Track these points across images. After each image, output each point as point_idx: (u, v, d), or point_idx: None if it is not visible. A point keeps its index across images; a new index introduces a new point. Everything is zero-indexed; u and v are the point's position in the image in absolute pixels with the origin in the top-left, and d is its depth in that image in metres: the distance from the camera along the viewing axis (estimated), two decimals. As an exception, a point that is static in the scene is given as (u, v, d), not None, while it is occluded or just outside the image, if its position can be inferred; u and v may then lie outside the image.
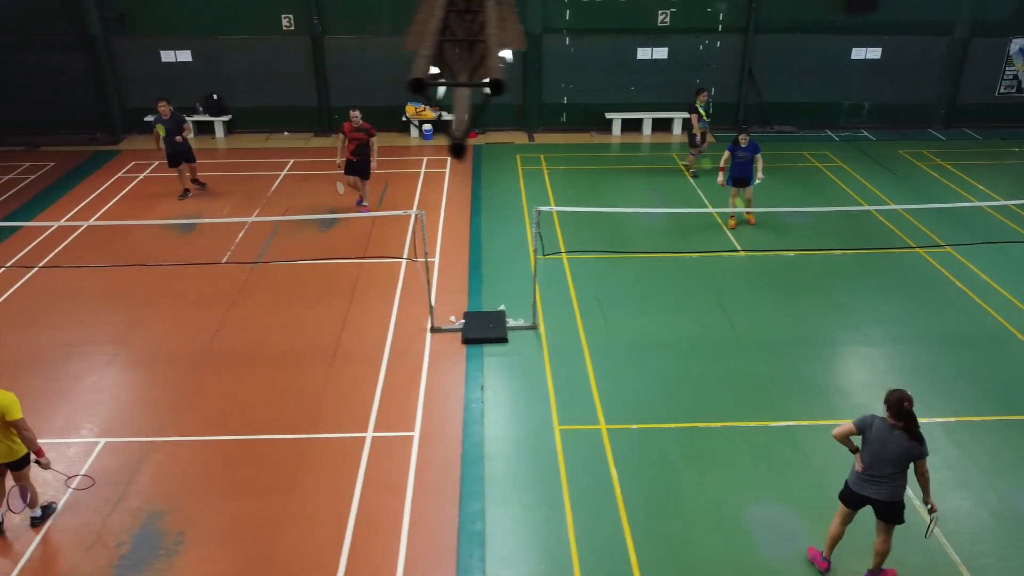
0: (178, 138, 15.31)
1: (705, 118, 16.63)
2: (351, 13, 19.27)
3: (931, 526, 7.00)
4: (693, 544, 7.66)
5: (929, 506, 6.88)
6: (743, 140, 13.85)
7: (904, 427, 6.62)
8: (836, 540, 7.25)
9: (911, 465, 6.76)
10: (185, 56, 19.61)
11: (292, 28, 19.37)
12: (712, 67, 20.14)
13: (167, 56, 19.61)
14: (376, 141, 14.82)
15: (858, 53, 20.16)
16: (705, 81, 19.99)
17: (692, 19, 19.58)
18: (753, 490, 8.33)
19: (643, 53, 19.88)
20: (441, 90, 3.67)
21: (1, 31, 19.15)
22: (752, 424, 9.33)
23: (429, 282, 11.21)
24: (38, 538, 7.73)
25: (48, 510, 7.96)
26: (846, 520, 7.18)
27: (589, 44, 19.76)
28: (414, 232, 12.34)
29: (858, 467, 6.90)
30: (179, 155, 15.60)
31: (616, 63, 19.98)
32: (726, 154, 14.18)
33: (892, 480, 6.78)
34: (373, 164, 14.91)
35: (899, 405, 6.59)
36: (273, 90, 20.01)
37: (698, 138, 16.85)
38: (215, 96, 19.83)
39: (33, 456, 7.52)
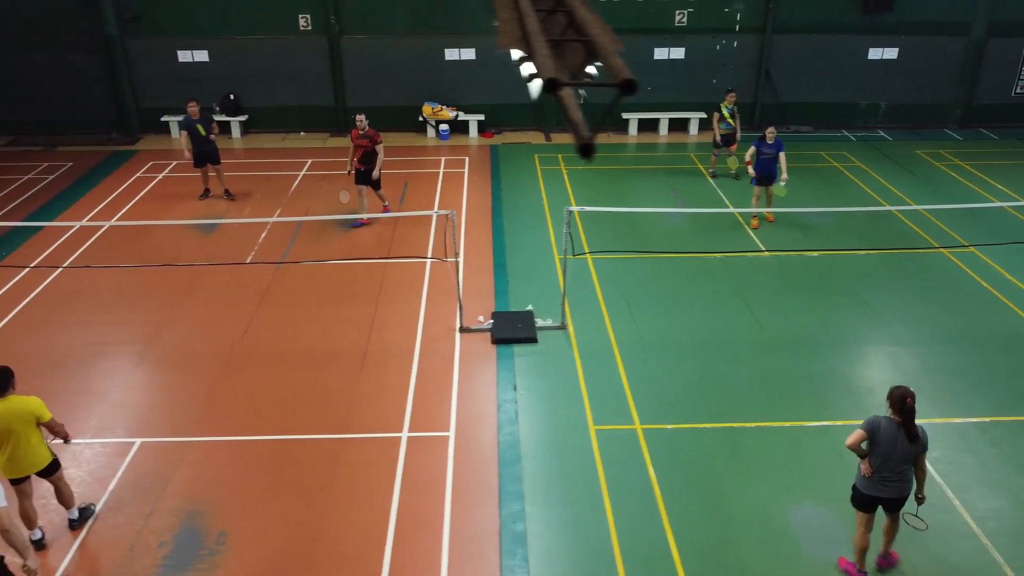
0: (212, 136, 15.26)
1: (729, 120, 16.48)
2: (368, 13, 19.26)
3: (917, 514, 7.21)
4: (735, 544, 7.66)
5: (921, 497, 7.00)
6: (770, 135, 13.83)
7: (903, 423, 6.63)
8: (865, 550, 7.20)
9: None
10: (202, 56, 19.62)
11: (309, 28, 19.37)
12: (729, 67, 20.13)
13: (184, 56, 19.62)
14: (382, 148, 14.38)
15: (875, 53, 20.15)
16: (722, 81, 19.98)
17: (709, 19, 19.57)
18: (792, 490, 8.32)
19: (660, 53, 19.88)
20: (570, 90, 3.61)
21: (19, 31, 19.16)
22: (787, 424, 9.32)
23: (459, 282, 11.18)
24: (80, 537, 7.73)
25: (86, 512, 7.93)
26: (869, 526, 7.12)
27: (606, 44, 19.73)
28: (444, 232, 12.29)
29: (865, 471, 6.87)
30: (206, 155, 15.52)
31: (633, 63, 19.74)
32: (751, 149, 14.15)
33: (902, 477, 6.83)
34: (375, 172, 14.29)
35: (902, 401, 6.62)
36: (290, 90, 20.01)
37: (717, 138, 16.80)
38: (232, 96, 19.83)
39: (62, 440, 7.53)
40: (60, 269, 13.01)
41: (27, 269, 12.99)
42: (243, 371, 10.38)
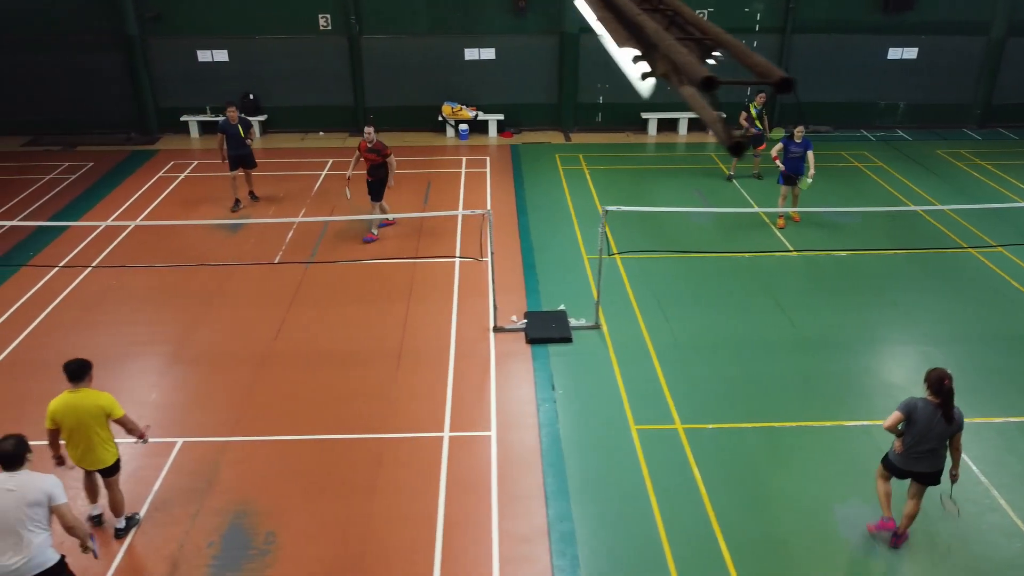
0: (248, 140, 15.13)
1: (757, 122, 16.39)
2: (388, 13, 19.25)
3: (952, 496, 7.44)
4: (785, 544, 7.64)
5: (954, 475, 7.26)
6: (798, 134, 13.80)
7: (941, 404, 6.87)
8: (889, 494, 7.56)
9: None
10: (222, 56, 19.62)
11: (329, 28, 19.36)
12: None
13: (203, 56, 19.62)
14: (393, 160, 13.84)
15: (894, 53, 20.14)
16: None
17: (730, 19, 19.56)
18: (837, 489, 8.31)
19: (680, 53, 19.83)
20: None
21: (38, 32, 19.16)
22: (828, 424, 9.30)
23: (493, 281, 11.17)
24: (129, 537, 7.72)
25: (132, 521, 7.87)
26: (888, 477, 7.51)
27: (626, 44, 19.74)
28: (480, 231, 12.19)
29: (897, 448, 7.17)
30: (241, 159, 15.25)
31: (652, 63, 19.94)
32: (779, 146, 14.14)
33: (935, 454, 7.10)
34: (390, 181, 13.93)
35: (939, 383, 6.87)
36: (309, 90, 20.01)
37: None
38: (251, 96, 19.83)
39: (137, 440, 7.50)
40: (89, 269, 13.00)
41: (56, 269, 12.99)
42: (279, 370, 10.37)
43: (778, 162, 14.13)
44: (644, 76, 3.50)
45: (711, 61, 3.53)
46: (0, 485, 5.79)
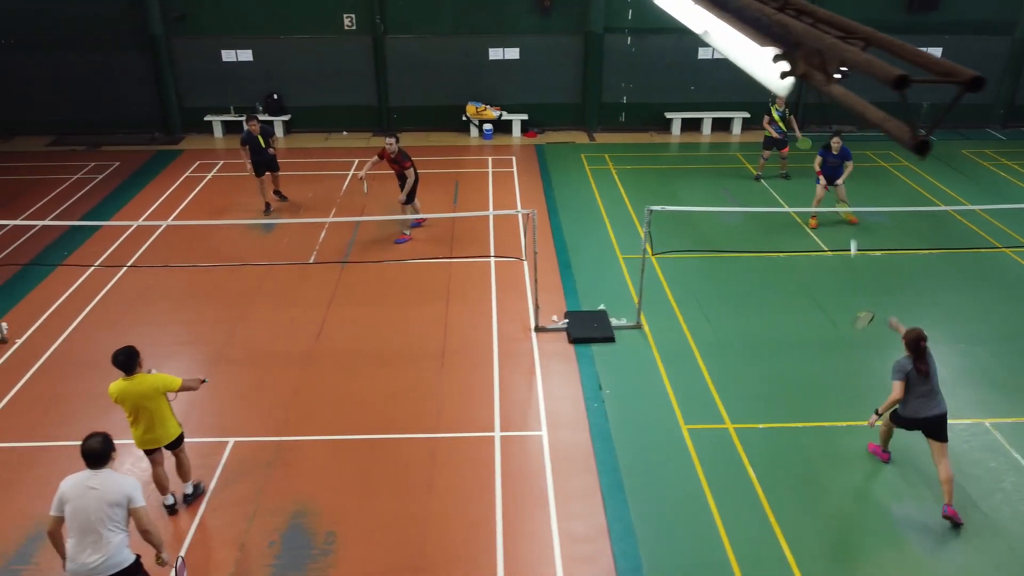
0: (270, 150, 15.14)
1: (780, 123, 16.41)
2: (413, 13, 19.25)
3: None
4: (846, 544, 7.63)
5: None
6: (835, 146, 13.82)
7: (914, 359, 7.69)
8: (889, 438, 8.53)
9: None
10: (246, 56, 19.62)
11: (354, 27, 19.36)
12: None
13: (228, 56, 19.62)
14: (412, 173, 13.69)
15: (918, 52, 20.07)
16: (765, 81, 20.00)
17: (754, 18, 19.51)
18: (894, 487, 8.30)
19: (704, 52, 19.84)
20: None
21: (63, 32, 19.16)
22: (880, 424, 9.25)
23: (535, 281, 11.16)
24: (189, 537, 7.71)
25: (198, 489, 8.16)
26: (892, 428, 8.35)
27: (651, 43, 19.76)
28: (526, 230, 12.19)
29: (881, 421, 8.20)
30: (265, 164, 15.26)
31: (677, 62, 19.97)
32: (818, 159, 14.16)
33: (933, 395, 7.76)
34: (401, 196, 13.87)
35: (916, 344, 7.69)
36: (333, 90, 20.01)
37: (769, 138, 16.72)
38: (275, 96, 19.83)
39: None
40: (124, 268, 13.00)
41: (92, 268, 12.99)
42: (325, 370, 10.36)
43: (820, 176, 14.18)
44: (783, 75, 3.48)
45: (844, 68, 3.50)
46: (84, 483, 5.83)
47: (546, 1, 18.96)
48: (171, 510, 7.95)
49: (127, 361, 7.30)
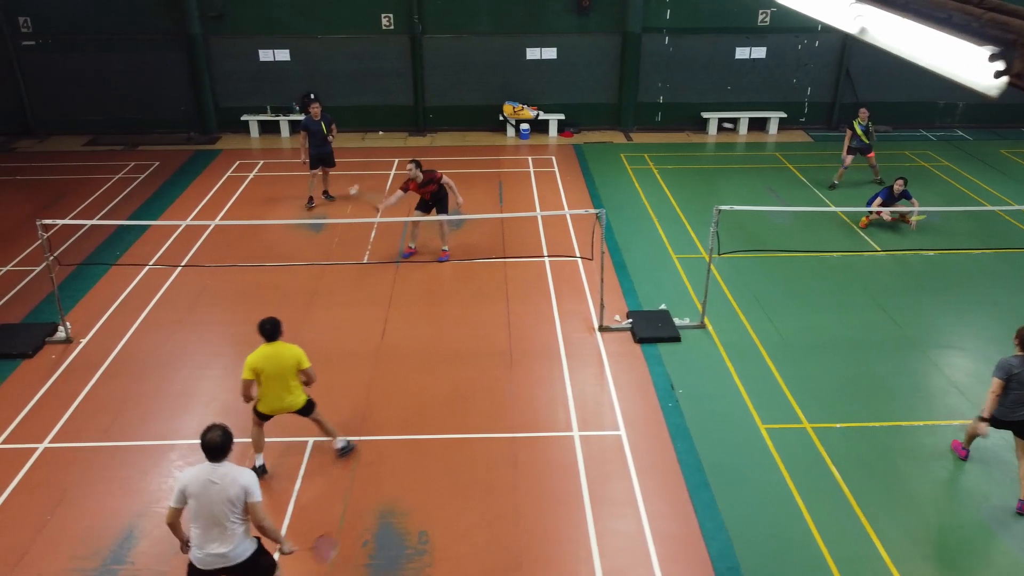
0: (329, 138, 15.08)
1: (862, 137, 16.15)
2: (451, 12, 19.23)
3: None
4: (940, 542, 7.63)
5: None
6: (898, 187, 13.86)
7: None
8: (974, 437, 8.42)
9: None
10: (283, 55, 19.61)
11: (391, 27, 19.34)
12: (810, 67, 20.09)
13: (265, 55, 19.61)
14: (449, 180, 12.97)
15: (955, 52, 20.05)
16: (802, 81, 20.02)
17: (792, 18, 19.45)
18: (980, 485, 8.32)
19: (741, 52, 19.84)
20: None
21: (102, 31, 19.16)
22: (960, 422, 9.25)
23: (602, 280, 11.14)
24: (283, 533, 7.69)
25: (349, 445, 8.76)
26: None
27: (689, 43, 19.74)
28: (593, 230, 12.04)
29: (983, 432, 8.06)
30: (323, 158, 15.19)
31: (714, 62, 19.96)
32: (877, 199, 14.11)
33: None
34: (458, 198, 12.91)
35: None
36: (369, 89, 19.99)
37: (845, 154, 16.33)
38: (311, 95, 19.78)
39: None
40: (179, 268, 12.98)
41: (147, 268, 12.98)
42: (395, 369, 10.36)
43: (884, 214, 14.28)
44: (997, 75, 3.47)
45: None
46: (205, 477, 5.90)
47: (585, 1, 18.94)
48: (260, 471, 8.25)
49: (273, 330, 7.85)
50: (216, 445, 5.90)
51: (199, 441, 5.94)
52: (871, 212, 14.42)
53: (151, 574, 7.29)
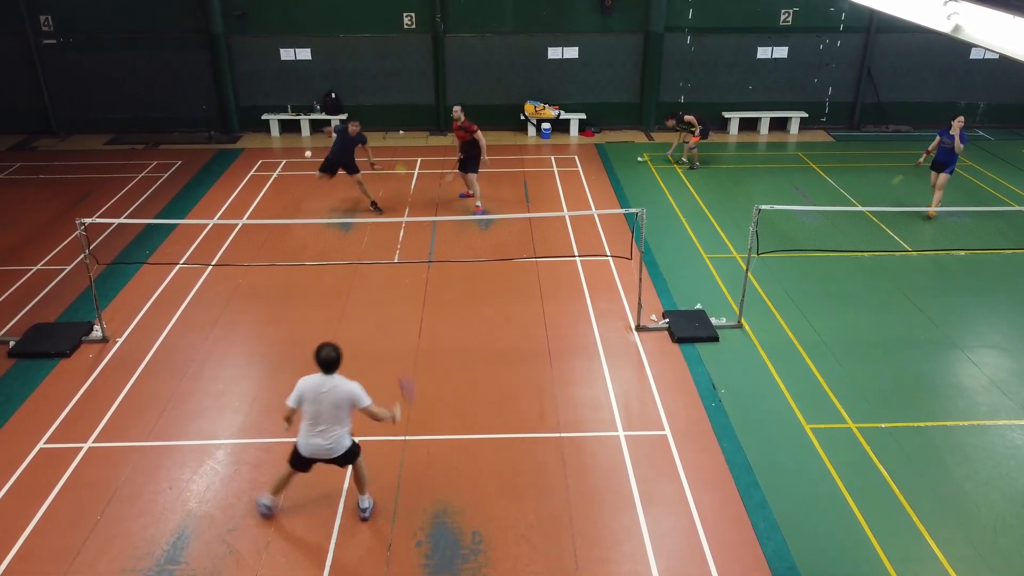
0: (374, 163, 15.52)
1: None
2: (474, 12, 19.21)
3: None
4: (995, 542, 7.59)
5: None
6: (957, 125, 14.33)
7: None
8: None
9: None
10: (305, 54, 19.58)
11: (413, 26, 19.32)
12: (832, 67, 20.06)
13: (287, 54, 19.59)
14: (481, 136, 14.85)
15: (977, 52, 20.06)
16: (823, 81, 20.00)
17: (814, 18, 19.49)
18: (1033, 490, 8.28)
19: (763, 52, 19.81)
20: None
21: (125, 30, 19.14)
22: (1007, 422, 9.23)
23: (640, 280, 11.12)
24: (334, 535, 7.68)
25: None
26: None
27: (711, 43, 19.71)
28: (634, 229, 12.06)
29: None
30: (337, 164, 14.99)
31: (736, 62, 19.93)
32: (936, 140, 14.64)
33: None
34: (483, 157, 14.92)
35: None
36: (391, 88, 19.98)
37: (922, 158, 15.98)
38: (333, 94, 19.79)
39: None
40: (210, 268, 12.95)
41: (177, 267, 12.96)
42: (435, 368, 10.33)
43: (922, 159, 14.96)
44: None
45: None
46: (318, 388, 7.07)
47: (609, 0, 18.91)
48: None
49: (333, 361, 7.09)
50: (331, 359, 7.02)
51: (314, 356, 7.04)
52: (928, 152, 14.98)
53: (205, 575, 7.26)
